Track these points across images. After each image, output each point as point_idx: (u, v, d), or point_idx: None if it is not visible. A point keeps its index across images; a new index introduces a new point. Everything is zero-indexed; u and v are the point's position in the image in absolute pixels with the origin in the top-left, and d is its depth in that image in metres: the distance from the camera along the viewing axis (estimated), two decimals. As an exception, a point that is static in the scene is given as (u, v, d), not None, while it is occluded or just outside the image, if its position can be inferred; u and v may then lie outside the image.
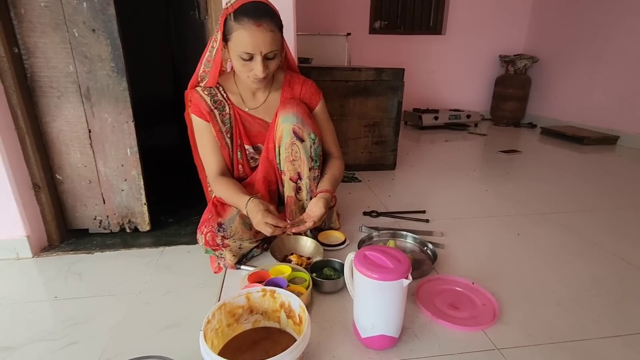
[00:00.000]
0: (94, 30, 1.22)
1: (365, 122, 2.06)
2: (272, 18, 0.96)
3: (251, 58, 0.97)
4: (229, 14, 0.95)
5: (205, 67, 1.10)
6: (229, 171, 1.18)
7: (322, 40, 2.98)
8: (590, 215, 1.55)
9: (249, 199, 1.03)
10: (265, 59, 0.98)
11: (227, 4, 0.98)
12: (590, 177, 2.09)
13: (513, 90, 3.69)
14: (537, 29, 3.79)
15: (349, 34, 3.05)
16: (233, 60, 1.01)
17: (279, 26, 0.98)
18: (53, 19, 1.19)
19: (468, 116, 3.58)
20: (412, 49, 3.81)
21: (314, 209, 1.06)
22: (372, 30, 3.71)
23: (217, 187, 1.13)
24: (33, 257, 1.26)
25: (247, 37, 0.93)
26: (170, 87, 2.79)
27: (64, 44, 1.21)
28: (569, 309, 0.95)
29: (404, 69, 2.00)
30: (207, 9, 1.46)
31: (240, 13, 0.93)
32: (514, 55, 3.72)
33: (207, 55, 1.09)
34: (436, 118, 3.46)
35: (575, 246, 1.29)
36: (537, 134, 3.39)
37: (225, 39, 0.99)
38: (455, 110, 3.73)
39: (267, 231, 0.98)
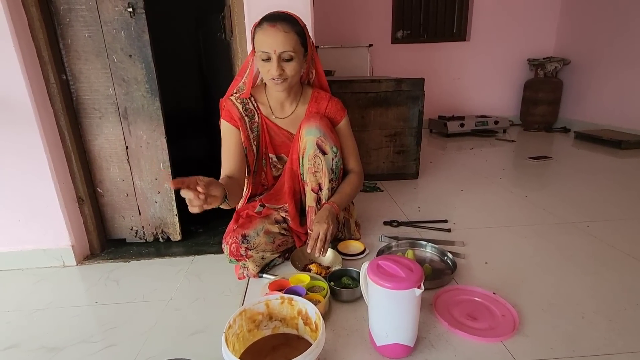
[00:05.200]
0: (130, 55, 1.33)
1: (386, 132, 2.08)
2: (287, 21, 1.04)
3: (269, 59, 1.04)
4: (256, 24, 1.06)
5: (245, 79, 1.18)
6: (236, 176, 1.16)
7: (345, 53, 3.05)
8: (624, 224, 1.48)
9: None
10: (282, 60, 1.04)
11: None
12: (627, 184, 1.99)
13: (544, 94, 3.57)
14: (568, 30, 3.66)
15: (370, 45, 3.09)
16: (258, 65, 1.09)
17: (296, 30, 1.05)
18: (95, 47, 1.31)
19: (496, 122, 3.50)
20: (436, 56, 3.79)
21: (313, 228, 1.11)
22: (395, 40, 3.73)
23: None
24: (77, 265, 1.38)
25: (262, 37, 1.03)
26: (200, 103, 2.94)
27: (105, 69, 1.34)
28: (595, 322, 0.92)
29: (423, 79, 2.01)
30: (232, 31, 1.55)
31: (261, 20, 1.05)
32: (544, 58, 3.61)
33: (248, 68, 1.17)
34: (462, 125, 3.40)
35: (606, 256, 1.24)
36: (570, 138, 3.25)
37: (254, 47, 1.08)
38: (482, 116, 3.65)
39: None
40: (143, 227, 1.52)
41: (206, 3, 2.46)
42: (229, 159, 1.17)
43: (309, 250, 1.10)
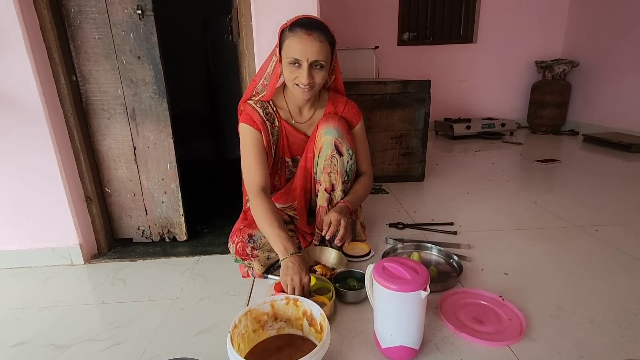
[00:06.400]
0: (139, 57, 1.35)
1: (392, 134, 2.07)
2: (322, 31, 1.03)
3: (299, 65, 1.03)
4: (286, 27, 1.05)
5: (264, 81, 1.15)
6: (268, 186, 1.15)
7: (351, 54, 3.05)
8: (634, 229, 1.46)
9: (295, 252, 0.98)
10: (312, 67, 1.04)
11: (286, 21, 1.08)
12: (637, 187, 1.96)
13: (551, 97, 3.54)
14: (576, 32, 3.63)
15: (376, 47, 3.09)
16: (284, 70, 1.08)
17: (329, 40, 1.05)
18: (105, 49, 1.33)
19: (503, 124, 3.47)
20: (443, 58, 3.77)
21: (328, 214, 1.14)
22: (401, 42, 3.72)
23: (258, 208, 1.07)
24: (84, 263, 1.39)
25: (296, 44, 1.01)
26: (207, 104, 2.97)
27: (114, 70, 1.35)
28: (604, 327, 0.91)
29: (430, 81, 2.00)
30: (239, 32, 1.56)
31: (294, 24, 1.03)
32: (551, 61, 3.58)
33: (268, 69, 1.14)
34: (468, 127, 3.39)
35: (616, 261, 1.22)
36: (579, 141, 3.22)
37: (280, 49, 1.07)
38: (488, 118, 3.63)
39: (295, 291, 0.93)
40: (150, 226, 1.54)
41: (213, 5, 2.48)
42: (258, 167, 1.12)
43: (327, 236, 1.11)
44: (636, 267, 1.18)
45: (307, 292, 0.95)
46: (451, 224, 1.54)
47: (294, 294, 0.92)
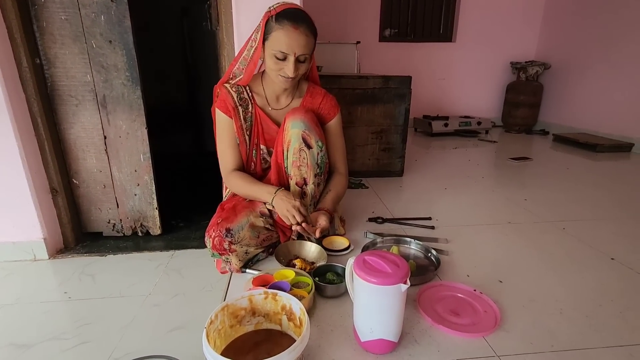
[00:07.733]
0: (110, 41, 1.28)
1: (372, 129, 2.08)
2: (309, 24, 1.04)
3: (285, 58, 1.04)
4: (271, 16, 1.03)
5: (240, 65, 1.15)
6: (243, 169, 1.23)
7: (332, 49, 3.03)
8: (600, 224, 1.53)
9: (279, 188, 1.13)
10: (297, 61, 1.05)
11: (269, 7, 1.06)
12: (602, 185, 2.06)
13: (525, 97, 3.66)
14: (549, 36, 3.76)
15: (358, 42, 3.09)
16: (267, 59, 1.08)
17: (314, 33, 1.07)
18: (72, 31, 1.25)
19: (479, 123, 3.56)
20: (423, 56, 3.82)
21: (320, 222, 1.14)
22: (382, 39, 3.74)
23: (234, 180, 1.19)
24: (49, 258, 1.32)
25: (284, 38, 1.01)
26: (185, 95, 2.87)
27: (82, 54, 1.28)
28: (572, 318, 0.94)
29: (411, 77, 2.02)
30: (218, 20, 1.51)
31: (281, 16, 1.02)
32: (526, 62, 3.70)
33: (244, 53, 1.14)
34: (446, 125, 3.45)
35: (583, 255, 1.28)
36: (549, 141, 3.35)
37: (264, 38, 1.06)
38: (465, 117, 3.71)
39: (296, 218, 1.07)
40: (121, 220, 1.47)
41: (191, -9, 2.39)
42: (230, 153, 1.19)
43: (317, 235, 1.13)
44: (601, 260, 1.24)
45: (306, 213, 1.09)
46: (429, 218, 1.56)
47: (296, 221, 1.07)
